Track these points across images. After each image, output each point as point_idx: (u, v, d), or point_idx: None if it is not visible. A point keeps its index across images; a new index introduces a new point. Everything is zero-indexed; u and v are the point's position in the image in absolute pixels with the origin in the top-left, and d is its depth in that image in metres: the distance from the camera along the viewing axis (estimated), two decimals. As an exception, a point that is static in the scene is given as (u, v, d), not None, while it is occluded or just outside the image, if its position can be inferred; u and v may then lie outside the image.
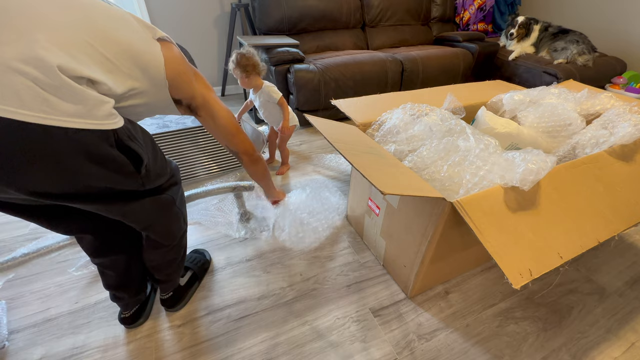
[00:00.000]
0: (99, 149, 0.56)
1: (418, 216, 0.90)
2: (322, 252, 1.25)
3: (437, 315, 1.03)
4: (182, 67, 0.70)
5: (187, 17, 2.50)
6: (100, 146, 0.56)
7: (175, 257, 0.94)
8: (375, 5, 2.69)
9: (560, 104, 1.23)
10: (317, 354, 0.92)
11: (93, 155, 0.56)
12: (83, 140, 0.53)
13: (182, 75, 0.70)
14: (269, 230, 1.30)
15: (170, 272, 0.96)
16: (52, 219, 0.71)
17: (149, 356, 0.90)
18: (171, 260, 0.94)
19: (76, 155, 0.54)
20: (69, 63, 0.49)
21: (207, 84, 0.81)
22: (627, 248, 1.30)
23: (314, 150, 2.00)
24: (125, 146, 0.61)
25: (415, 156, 1.00)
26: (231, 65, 1.44)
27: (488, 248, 0.68)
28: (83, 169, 0.57)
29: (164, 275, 0.95)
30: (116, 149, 0.59)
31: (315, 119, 1.06)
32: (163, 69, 0.64)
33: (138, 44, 0.61)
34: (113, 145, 0.58)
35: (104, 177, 0.61)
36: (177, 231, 0.90)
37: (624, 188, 0.91)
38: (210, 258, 1.21)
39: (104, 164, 0.59)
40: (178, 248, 0.93)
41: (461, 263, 1.11)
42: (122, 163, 0.63)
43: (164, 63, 0.64)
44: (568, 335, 0.98)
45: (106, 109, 0.55)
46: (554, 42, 2.65)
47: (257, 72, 1.46)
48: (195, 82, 0.76)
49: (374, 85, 2.27)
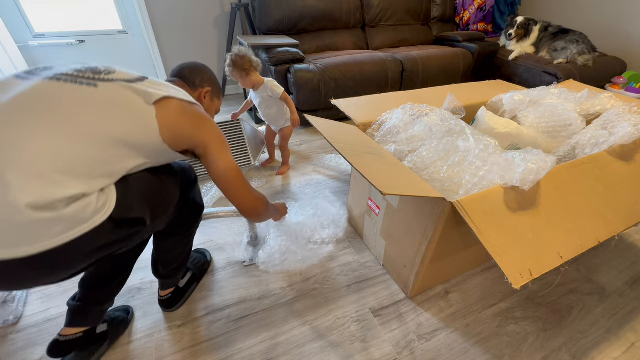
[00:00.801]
0: (98, 242, 0.60)
1: (418, 216, 0.90)
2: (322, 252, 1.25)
3: (437, 315, 1.03)
4: (180, 123, 0.71)
5: (187, 17, 2.50)
6: (97, 240, 0.59)
7: (183, 249, 0.96)
8: (375, 5, 2.69)
9: (560, 104, 1.23)
10: (317, 354, 0.92)
11: (93, 250, 0.61)
12: (78, 246, 0.56)
13: (181, 131, 0.71)
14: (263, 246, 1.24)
15: (176, 267, 0.96)
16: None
17: (149, 356, 0.90)
18: (180, 252, 0.95)
19: (77, 258, 0.59)
20: (42, 195, 0.51)
21: (212, 131, 0.78)
22: (627, 248, 1.30)
23: (314, 150, 2.00)
24: (125, 220, 0.63)
25: (415, 156, 1.00)
26: (228, 69, 1.44)
27: (488, 248, 0.68)
28: (89, 259, 0.62)
29: (169, 271, 0.95)
30: (115, 230, 0.62)
31: (315, 119, 1.06)
32: (159, 137, 0.66)
33: (128, 127, 0.62)
34: (110, 231, 0.61)
35: (109, 251, 0.65)
36: (192, 222, 0.93)
37: (624, 188, 0.91)
38: (210, 258, 1.21)
39: (107, 247, 0.63)
40: (188, 239, 0.96)
41: (461, 263, 1.11)
42: (125, 235, 0.66)
43: (159, 130, 0.65)
44: (568, 335, 0.98)
45: (91, 208, 0.56)
46: (554, 42, 2.65)
47: (255, 69, 1.46)
48: (198, 130, 0.75)
49: (374, 85, 2.27)
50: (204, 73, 0.95)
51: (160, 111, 0.66)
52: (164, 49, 2.57)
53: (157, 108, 0.66)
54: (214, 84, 0.99)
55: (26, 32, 2.25)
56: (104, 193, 0.59)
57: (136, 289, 1.08)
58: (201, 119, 0.77)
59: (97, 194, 0.57)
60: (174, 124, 0.69)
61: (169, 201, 0.79)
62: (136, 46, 2.56)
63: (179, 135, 0.71)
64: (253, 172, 1.77)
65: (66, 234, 0.54)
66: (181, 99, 0.72)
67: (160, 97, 0.67)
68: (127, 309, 1.01)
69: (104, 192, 0.59)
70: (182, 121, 0.71)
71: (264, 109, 1.61)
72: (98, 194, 0.58)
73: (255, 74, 1.48)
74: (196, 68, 0.95)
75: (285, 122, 1.66)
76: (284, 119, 1.65)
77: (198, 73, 0.94)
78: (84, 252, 0.59)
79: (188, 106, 0.74)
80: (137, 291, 1.08)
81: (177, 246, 0.93)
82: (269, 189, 1.62)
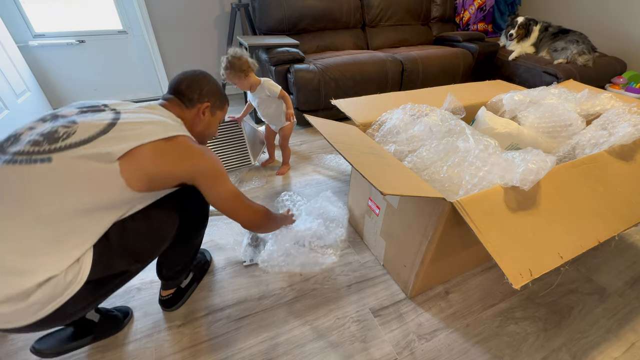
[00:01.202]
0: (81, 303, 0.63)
1: (418, 216, 0.90)
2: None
3: (437, 316, 1.03)
4: (157, 166, 0.68)
5: (187, 17, 2.50)
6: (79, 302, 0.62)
7: (187, 254, 0.95)
8: (375, 5, 2.69)
9: (560, 104, 1.23)
10: (317, 354, 0.92)
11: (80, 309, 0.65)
12: (63, 310, 0.60)
13: (160, 174, 0.69)
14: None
15: (179, 269, 0.96)
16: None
17: (149, 356, 0.90)
18: (184, 257, 0.94)
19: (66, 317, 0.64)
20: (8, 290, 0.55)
21: (199, 163, 0.75)
22: (627, 248, 1.30)
23: (314, 150, 2.00)
24: (104, 277, 0.65)
25: (415, 157, 1.00)
26: (225, 72, 1.40)
27: (488, 248, 0.68)
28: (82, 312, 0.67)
29: (172, 273, 0.95)
30: (97, 287, 0.64)
31: (315, 119, 1.06)
32: (129, 191, 0.65)
33: (91, 194, 0.61)
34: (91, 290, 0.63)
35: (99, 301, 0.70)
36: (195, 232, 0.92)
37: (624, 188, 0.91)
38: (210, 258, 1.20)
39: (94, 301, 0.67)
40: (192, 246, 0.94)
41: (461, 263, 1.11)
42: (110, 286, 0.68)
43: (126, 184, 0.64)
44: (568, 335, 0.98)
45: (62, 284, 0.59)
46: (554, 42, 2.65)
47: (252, 69, 1.45)
48: (180, 166, 0.72)
49: (374, 85, 2.27)
50: (203, 85, 0.90)
51: (126, 165, 0.63)
52: (164, 49, 2.57)
53: (122, 163, 0.63)
54: (215, 96, 0.93)
55: (26, 32, 2.25)
56: (77, 263, 0.60)
57: (136, 289, 1.08)
58: (183, 154, 0.73)
59: (64, 271, 0.59)
60: (148, 170, 0.67)
61: (159, 242, 0.77)
62: (136, 46, 2.56)
63: (158, 179, 0.69)
64: (253, 172, 1.77)
65: (43, 310, 0.58)
66: (154, 141, 0.68)
67: (124, 153, 0.63)
68: (127, 310, 1.01)
69: (77, 262, 0.60)
70: (158, 164, 0.68)
71: (263, 109, 1.61)
72: (66, 270, 0.59)
73: (252, 74, 1.47)
74: (195, 80, 0.89)
75: (284, 121, 1.66)
76: (282, 118, 1.65)
77: (196, 87, 0.88)
78: (71, 312, 0.63)
79: (164, 145, 0.69)
80: (136, 291, 1.08)
81: (181, 252, 0.92)
82: (269, 189, 1.62)
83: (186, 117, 0.87)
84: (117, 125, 0.67)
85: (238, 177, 1.69)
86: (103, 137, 0.64)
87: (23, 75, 2.16)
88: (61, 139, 0.62)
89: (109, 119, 0.68)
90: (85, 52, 2.43)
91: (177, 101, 0.87)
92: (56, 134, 0.63)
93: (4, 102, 1.92)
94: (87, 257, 0.62)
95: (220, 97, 0.96)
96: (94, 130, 0.65)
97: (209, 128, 0.96)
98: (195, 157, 0.75)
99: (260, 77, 1.52)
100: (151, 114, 0.76)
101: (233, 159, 1.73)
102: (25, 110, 2.12)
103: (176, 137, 0.73)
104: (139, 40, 2.55)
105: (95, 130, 0.65)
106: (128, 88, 2.71)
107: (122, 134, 0.66)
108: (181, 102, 0.87)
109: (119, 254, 0.67)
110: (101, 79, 2.58)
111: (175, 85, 0.88)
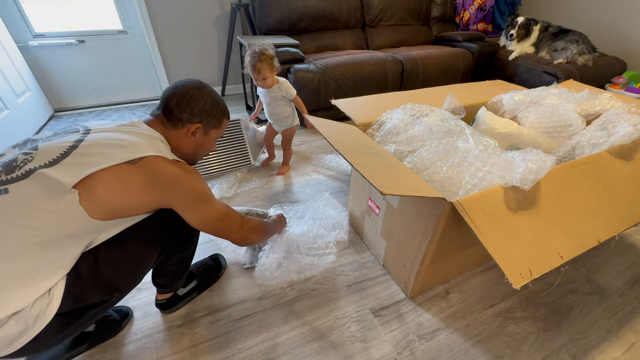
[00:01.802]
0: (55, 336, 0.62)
1: (418, 216, 0.90)
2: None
3: (437, 316, 1.03)
4: (122, 193, 0.61)
5: (187, 17, 2.50)
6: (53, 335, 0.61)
7: (178, 265, 0.91)
8: (375, 5, 2.69)
9: (561, 104, 1.23)
10: (317, 354, 0.92)
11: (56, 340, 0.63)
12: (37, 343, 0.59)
13: (127, 201, 0.63)
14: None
15: (171, 279, 0.94)
16: None
17: (149, 356, 0.90)
18: (174, 269, 0.91)
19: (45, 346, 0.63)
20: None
21: (173, 189, 0.67)
22: (627, 248, 1.30)
23: (314, 150, 2.00)
24: (77, 309, 0.63)
25: (415, 157, 1.00)
26: (255, 60, 1.36)
27: (488, 248, 0.68)
28: (61, 341, 0.65)
29: (165, 281, 0.93)
30: (70, 320, 0.62)
31: (315, 119, 1.06)
32: (92, 221, 0.60)
33: (51, 225, 0.57)
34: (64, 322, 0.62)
35: (77, 331, 0.68)
36: (184, 247, 0.88)
37: (624, 188, 0.91)
38: (223, 270, 1.15)
39: (71, 332, 0.65)
40: (182, 257, 0.90)
41: (461, 263, 1.11)
42: (87, 317, 0.66)
43: (88, 214, 0.59)
44: (568, 335, 0.98)
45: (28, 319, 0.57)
46: (554, 42, 2.65)
47: (277, 67, 1.46)
48: (152, 193, 0.65)
49: (374, 85, 2.27)
50: (194, 104, 0.79)
51: (85, 193, 0.58)
52: (164, 49, 2.57)
53: (81, 190, 0.58)
54: (209, 115, 0.82)
55: (26, 32, 2.25)
56: (48, 295, 0.58)
57: (136, 289, 1.08)
58: (150, 178, 0.65)
59: (31, 304, 0.57)
60: (108, 199, 0.61)
61: (138, 269, 0.73)
62: (136, 46, 2.56)
63: (122, 207, 0.63)
64: (253, 172, 1.77)
65: (13, 344, 0.57)
66: (116, 165, 0.61)
67: (79, 180, 0.58)
68: (127, 311, 1.00)
69: (48, 294, 0.58)
70: (119, 191, 0.62)
71: (272, 108, 1.59)
72: (34, 303, 0.57)
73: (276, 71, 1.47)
74: (186, 97, 0.78)
75: (290, 123, 1.65)
76: (289, 120, 1.64)
77: (187, 105, 0.78)
78: (47, 344, 0.62)
79: (127, 169, 0.62)
80: (136, 291, 1.08)
81: (171, 264, 0.88)
82: (268, 189, 1.62)
83: (173, 136, 0.79)
84: (79, 147, 0.62)
85: (238, 177, 1.69)
86: (63, 161, 0.60)
87: (23, 75, 2.16)
88: (17, 168, 0.59)
89: (73, 140, 0.63)
90: (85, 52, 2.43)
91: (163, 118, 0.78)
92: (15, 163, 0.60)
93: (4, 102, 1.92)
94: (58, 289, 0.59)
95: (216, 115, 0.84)
96: (54, 154, 0.61)
97: (201, 148, 0.87)
98: (166, 182, 0.67)
99: (279, 77, 1.53)
100: (126, 133, 0.69)
101: (233, 159, 1.73)
102: (25, 110, 2.13)
103: (143, 158, 0.65)
104: (139, 40, 2.55)
105: (55, 154, 0.61)
106: (128, 88, 2.71)
107: (82, 159, 0.61)
108: (168, 120, 0.78)
109: (92, 285, 0.63)
110: (101, 79, 2.58)
111: (166, 101, 0.78)
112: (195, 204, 0.72)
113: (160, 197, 0.67)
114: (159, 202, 0.68)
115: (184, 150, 0.82)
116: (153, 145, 0.70)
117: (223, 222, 0.79)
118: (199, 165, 1.66)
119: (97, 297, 0.64)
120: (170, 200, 0.69)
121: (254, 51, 1.38)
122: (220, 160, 1.71)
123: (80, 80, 2.51)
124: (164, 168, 0.67)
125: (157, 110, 0.80)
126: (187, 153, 0.84)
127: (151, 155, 0.66)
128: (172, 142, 0.79)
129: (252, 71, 1.41)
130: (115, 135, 0.67)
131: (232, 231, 0.83)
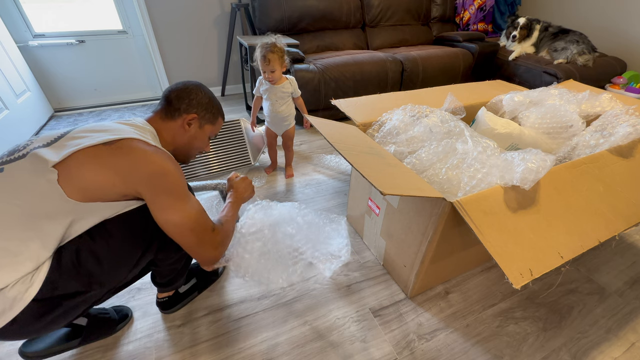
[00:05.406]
0: (33, 325, 0.62)
1: (418, 216, 0.90)
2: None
3: (437, 315, 1.03)
4: (83, 176, 0.61)
5: (187, 17, 2.50)
6: (30, 323, 0.61)
7: (176, 266, 0.90)
8: (375, 5, 2.69)
9: (562, 105, 1.23)
10: (317, 354, 0.92)
11: (39, 328, 0.64)
12: (15, 326, 0.59)
13: (100, 182, 0.62)
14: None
15: (171, 278, 0.93)
16: None
17: (149, 356, 0.90)
18: (173, 269, 0.90)
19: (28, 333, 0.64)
20: None
21: (147, 178, 0.65)
22: (627, 248, 1.30)
23: (314, 150, 2.00)
24: (54, 297, 0.62)
25: (414, 158, 1.00)
26: (267, 51, 1.36)
27: (488, 248, 0.68)
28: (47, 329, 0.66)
29: (165, 280, 0.93)
30: (47, 307, 0.62)
31: (315, 119, 1.06)
32: (69, 201, 0.60)
33: (30, 201, 0.58)
34: (42, 310, 0.62)
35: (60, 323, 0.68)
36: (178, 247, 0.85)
37: (624, 188, 0.91)
38: (222, 271, 1.15)
39: (53, 322, 0.66)
40: (179, 258, 0.88)
41: (461, 263, 1.11)
42: (65, 308, 0.65)
43: (65, 193, 0.60)
44: (568, 335, 0.98)
45: (7, 296, 0.57)
46: (554, 42, 2.65)
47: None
48: (126, 177, 0.64)
49: (374, 85, 2.27)
50: (192, 97, 0.83)
51: (62, 173, 0.60)
52: (164, 49, 2.57)
53: (61, 170, 0.60)
54: (206, 109, 0.86)
55: (26, 32, 2.25)
56: (29, 279, 0.58)
57: (136, 289, 1.08)
58: (121, 157, 0.64)
59: (10, 285, 0.57)
60: (80, 177, 0.61)
61: (120, 267, 0.70)
62: (136, 46, 2.56)
63: (93, 187, 0.62)
64: (253, 172, 1.77)
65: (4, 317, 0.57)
66: (92, 145, 0.62)
67: (61, 158, 0.60)
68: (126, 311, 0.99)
69: (29, 278, 0.58)
70: (90, 169, 0.62)
71: (278, 106, 1.54)
72: (13, 284, 0.57)
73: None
74: (185, 91, 0.83)
75: (290, 123, 1.64)
76: (289, 120, 1.62)
77: (185, 97, 0.82)
78: (28, 330, 0.62)
79: (102, 149, 0.63)
80: (137, 291, 1.08)
81: (170, 263, 0.87)
82: (268, 189, 1.62)
83: (169, 127, 0.82)
84: (68, 134, 0.66)
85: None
86: (56, 143, 0.64)
87: (23, 76, 2.16)
88: (18, 151, 0.64)
89: (64, 130, 0.69)
90: (85, 52, 2.43)
91: (162, 112, 0.82)
92: (18, 147, 0.66)
93: (4, 102, 1.92)
94: (40, 275, 0.59)
95: (212, 110, 0.88)
96: (46, 140, 0.66)
97: (195, 141, 0.88)
98: (138, 161, 0.64)
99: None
100: (117, 124, 0.71)
101: (233, 159, 1.73)
102: (25, 110, 2.12)
103: (121, 139, 0.64)
104: (139, 40, 2.55)
105: (47, 140, 0.66)
106: (128, 88, 2.71)
107: (70, 142, 0.64)
108: (166, 113, 0.82)
109: (71, 275, 0.62)
110: (101, 79, 2.58)
111: (167, 95, 0.83)
112: (166, 195, 0.67)
113: (131, 181, 0.64)
114: (130, 188, 0.65)
115: (178, 142, 0.85)
116: (138, 132, 0.70)
117: (197, 233, 0.71)
118: (200, 165, 1.66)
119: (74, 287, 0.63)
120: (139, 184, 0.65)
121: (265, 43, 1.38)
122: (220, 160, 1.71)
123: (80, 80, 2.51)
124: (137, 148, 0.65)
125: (158, 106, 0.85)
126: (181, 145, 0.86)
127: (131, 137, 0.66)
128: (167, 135, 0.82)
129: (262, 61, 1.39)
130: (105, 123, 0.71)
131: (201, 244, 0.72)
